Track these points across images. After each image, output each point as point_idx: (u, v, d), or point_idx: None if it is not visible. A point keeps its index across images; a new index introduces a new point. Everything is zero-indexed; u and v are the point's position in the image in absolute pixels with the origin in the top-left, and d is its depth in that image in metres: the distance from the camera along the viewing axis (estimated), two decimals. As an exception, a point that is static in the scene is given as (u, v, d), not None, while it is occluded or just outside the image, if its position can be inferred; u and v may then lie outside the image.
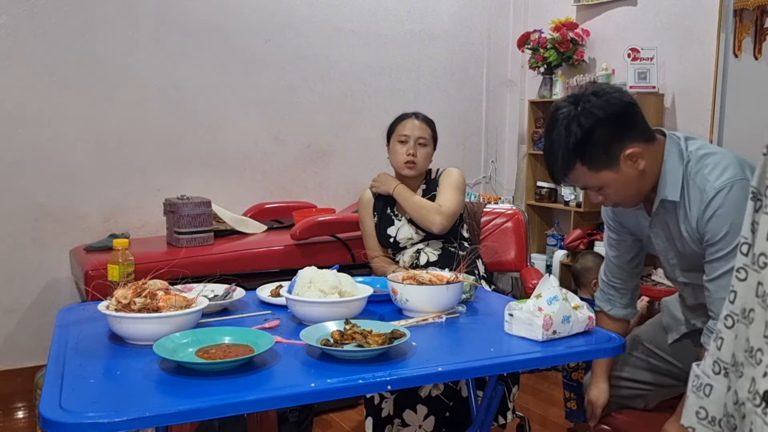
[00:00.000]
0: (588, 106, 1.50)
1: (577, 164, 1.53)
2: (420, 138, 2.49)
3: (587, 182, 1.56)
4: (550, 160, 1.57)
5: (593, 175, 1.54)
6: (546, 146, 1.59)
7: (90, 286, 2.50)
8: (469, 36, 4.28)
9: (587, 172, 1.54)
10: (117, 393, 1.23)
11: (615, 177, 1.54)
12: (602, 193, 1.58)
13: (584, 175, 1.55)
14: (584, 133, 1.50)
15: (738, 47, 3.20)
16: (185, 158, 3.46)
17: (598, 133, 1.50)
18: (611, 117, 1.50)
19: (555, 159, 1.55)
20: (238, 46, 3.56)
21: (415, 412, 2.19)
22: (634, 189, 1.57)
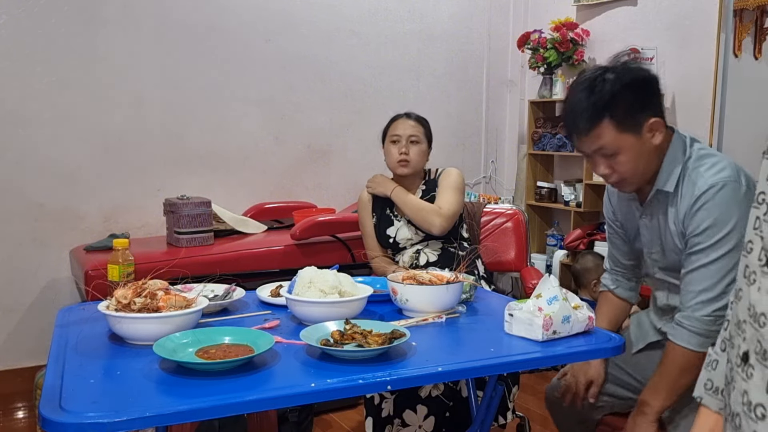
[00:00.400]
0: (619, 69, 1.55)
1: (604, 120, 1.53)
2: (411, 136, 2.49)
3: (606, 143, 1.54)
4: (574, 116, 1.56)
5: (616, 135, 1.53)
6: (570, 103, 1.58)
7: (90, 286, 2.50)
8: (469, 36, 4.28)
9: (612, 131, 1.53)
10: (117, 393, 1.23)
11: (634, 143, 1.55)
12: (614, 161, 1.57)
13: (607, 134, 1.53)
14: (616, 91, 1.52)
15: (738, 47, 3.20)
16: (185, 158, 3.46)
17: (628, 94, 1.53)
18: (641, 83, 1.55)
19: (580, 113, 1.54)
20: (238, 46, 3.56)
21: (415, 412, 2.19)
22: (644, 164, 1.58)
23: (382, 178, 2.57)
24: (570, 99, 1.60)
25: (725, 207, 1.50)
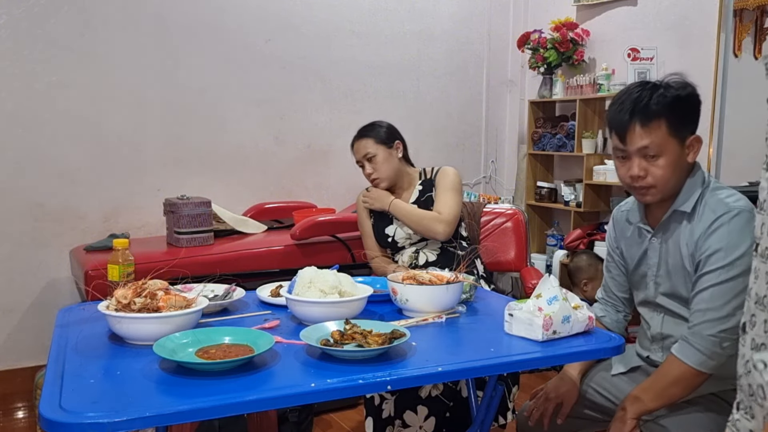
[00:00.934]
0: (678, 83, 1.59)
1: (662, 119, 1.54)
2: (366, 155, 2.49)
3: (653, 143, 1.55)
4: (631, 109, 1.56)
5: (666, 137, 1.55)
6: (626, 98, 1.58)
7: (90, 286, 2.50)
8: (469, 36, 4.28)
9: (664, 132, 1.55)
10: (117, 393, 1.23)
11: (676, 152, 1.57)
12: (652, 164, 1.57)
13: (659, 133, 1.55)
14: (678, 97, 1.56)
15: (738, 47, 3.20)
16: (185, 158, 3.46)
17: (686, 105, 1.57)
18: (694, 100, 1.59)
19: (641, 107, 1.55)
20: (238, 46, 3.56)
21: (415, 413, 2.19)
22: (675, 178, 1.60)
23: (378, 193, 2.54)
24: (627, 94, 1.60)
25: (739, 232, 1.52)
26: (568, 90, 3.95)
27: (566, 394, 1.83)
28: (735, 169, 3.22)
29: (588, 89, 3.80)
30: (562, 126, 3.98)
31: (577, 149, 3.81)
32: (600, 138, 3.81)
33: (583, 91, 3.82)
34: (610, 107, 1.64)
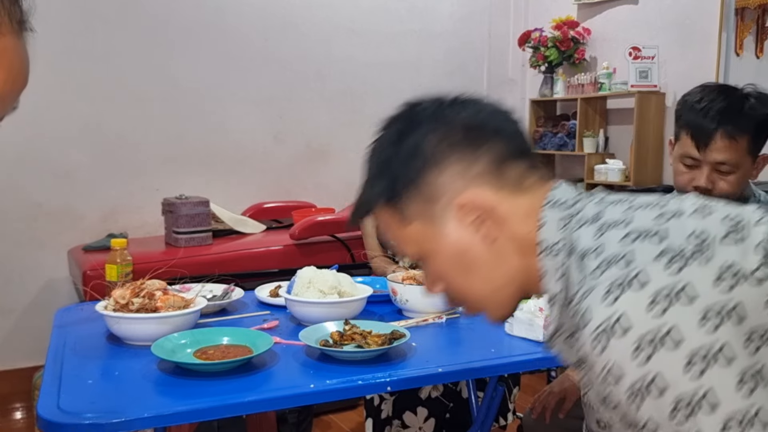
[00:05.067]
0: (758, 96, 1.50)
1: (746, 136, 1.46)
2: None
3: (733, 158, 1.47)
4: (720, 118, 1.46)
5: (744, 154, 1.48)
6: (708, 103, 1.49)
7: (88, 286, 2.48)
8: (470, 34, 4.27)
9: (744, 148, 1.47)
10: (115, 394, 1.22)
11: (748, 170, 1.51)
12: (723, 178, 1.49)
13: (740, 150, 1.47)
14: (764, 115, 1.48)
15: (740, 46, 3.19)
16: (184, 158, 3.45)
17: (763, 126, 1.49)
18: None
19: (734, 119, 1.46)
20: (236, 45, 3.55)
21: (415, 414, 2.18)
22: (736, 195, 1.52)
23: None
24: (710, 101, 1.50)
25: None
26: (569, 89, 3.94)
27: (569, 389, 1.82)
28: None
29: (589, 88, 3.79)
30: (563, 125, 3.97)
31: (578, 148, 3.81)
32: (601, 137, 3.80)
33: (584, 90, 3.81)
34: (687, 108, 1.53)
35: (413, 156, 0.80)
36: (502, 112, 0.85)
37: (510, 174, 0.80)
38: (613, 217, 0.73)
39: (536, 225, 0.78)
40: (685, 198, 0.74)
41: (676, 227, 0.68)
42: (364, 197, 0.86)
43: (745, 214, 0.69)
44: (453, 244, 0.81)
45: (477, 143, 0.80)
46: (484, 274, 0.82)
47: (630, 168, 3.55)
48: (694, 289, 0.61)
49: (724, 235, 0.66)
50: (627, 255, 0.66)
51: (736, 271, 0.62)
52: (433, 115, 0.83)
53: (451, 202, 0.79)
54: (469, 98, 0.86)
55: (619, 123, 3.83)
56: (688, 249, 0.64)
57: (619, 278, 0.64)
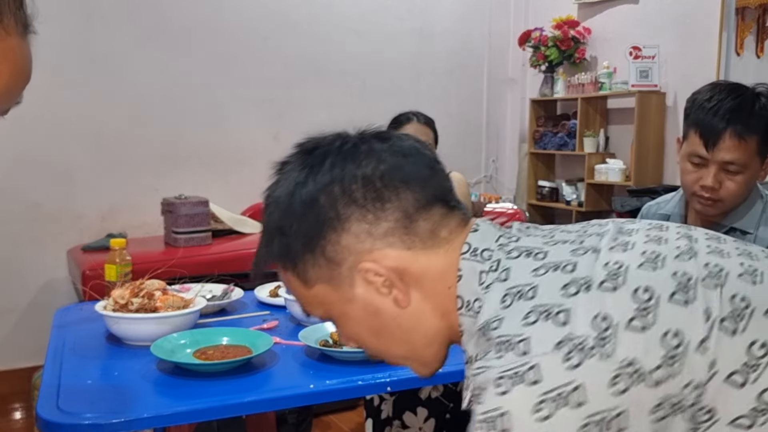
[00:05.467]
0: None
1: (755, 137, 1.43)
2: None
3: (740, 158, 1.44)
4: (730, 117, 1.43)
5: (753, 155, 1.45)
6: (717, 103, 1.46)
7: (87, 286, 2.48)
8: (470, 34, 4.26)
9: (753, 149, 1.44)
10: (115, 394, 1.22)
11: (756, 170, 1.47)
12: (730, 178, 1.46)
13: (748, 150, 1.44)
14: None
15: (740, 45, 3.19)
16: (183, 157, 3.45)
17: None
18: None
19: (744, 118, 1.42)
20: (236, 45, 3.54)
21: (415, 414, 2.18)
22: (744, 196, 1.50)
23: None
24: (720, 100, 1.47)
25: None
26: (570, 88, 3.93)
27: None
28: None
29: (589, 88, 3.78)
30: (564, 125, 3.97)
31: (579, 148, 3.80)
32: (602, 136, 3.80)
33: (585, 90, 3.80)
34: (697, 106, 1.50)
35: (310, 215, 0.72)
36: (412, 154, 0.75)
37: (422, 228, 0.72)
38: (520, 280, 0.66)
39: (453, 282, 0.71)
40: (601, 255, 0.65)
41: (584, 304, 0.60)
42: (260, 256, 0.78)
43: (657, 287, 0.61)
44: (362, 309, 0.74)
45: (381, 199, 0.71)
46: (400, 338, 0.75)
47: (630, 168, 3.55)
48: (584, 393, 0.57)
49: (630, 318, 0.59)
50: (526, 340, 0.60)
51: (634, 371, 0.57)
52: (331, 168, 0.73)
53: (356, 265, 0.71)
54: (375, 140, 0.76)
55: (619, 123, 3.82)
56: (590, 339, 0.58)
57: (514, 368, 0.59)
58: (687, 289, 0.61)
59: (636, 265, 0.63)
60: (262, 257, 0.78)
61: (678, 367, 0.57)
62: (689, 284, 0.61)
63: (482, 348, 0.65)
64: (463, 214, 0.76)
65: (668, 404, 0.57)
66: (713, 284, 0.62)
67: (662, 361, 0.57)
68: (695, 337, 0.58)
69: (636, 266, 0.63)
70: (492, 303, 0.66)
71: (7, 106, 0.72)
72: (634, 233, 0.70)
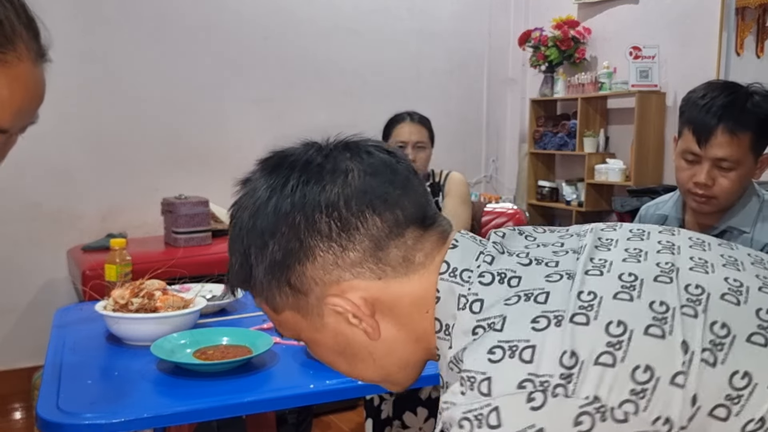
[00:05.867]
0: (764, 93, 1.48)
1: (748, 133, 1.44)
2: (418, 142, 2.42)
3: (733, 155, 1.44)
4: (722, 114, 1.45)
5: (746, 152, 1.45)
6: (710, 100, 1.48)
7: (87, 286, 2.48)
8: (470, 34, 4.26)
9: (746, 146, 1.45)
10: (115, 394, 1.22)
11: (749, 167, 1.48)
12: (723, 175, 1.47)
13: (741, 146, 1.44)
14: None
15: (740, 45, 3.18)
16: (183, 157, 3.45)
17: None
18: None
19: (735, 115, 1.44)
20: (236, 45, 3.54)
21: (415, 414, 2.18)
22: (738, 193, 1.50)
23: None
24: (712, 98, 1.48)
25: None
26: (570, 88, 3.93)
27: None
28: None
29: (589, 88, 3.78)
30: (564, 125, 3.97)
31: (579, 148, 3.80)
32: (602, 136, 3.80)
33: (585, 90, 3.80)
34: (691, 104, 1.52)
35: (272, 244, 0.68)
36: (381, 171, 0.69)
37: (393, 255, 0.68)
38: (492, 310, 0.62)
39: (431, 305, 0.68)
40: (575, 282, 0.62)
41: (552, 340, 0.57)
42: (230, 277, 0.74)
43: (631, 320, 0.57)
44: (332, 338, 0.71)
45: (347, 228, 0.66)
46: (372, 365, 0.72)
47: (630, 168, 3.55)
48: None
49: (599, 354, 0.56)
50: (489, 379, 0.57)
51: (598, 408, 0.54)
52: (292, 193, 0.68)
53: (324, 297, 0.68)
54: (342, 155, 0.71)
55: (619, 123, 3.82)
56: (554, 378, 0.55)
57: (476, 409, 0.56)
58: (664, 320, 0.58)
59: (611, 294, 0.60)
60: (231, 278, 0.74)
61: (645, 401, 0.54)
62: (666, 315, 0.58)
63: (451, 378, 0.63)
64: (441, 230, 0.72)
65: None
66: (693, 312, 0.58)
67: (628, 396, 0.54)
68: (668, 371, 0.55)
69: (611, 296, 0.60)
70: (462, 333, 0.63)
71: (21, 125, 0.78)
72: (612, 246, 0.67)
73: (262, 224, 0.68)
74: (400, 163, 0.72)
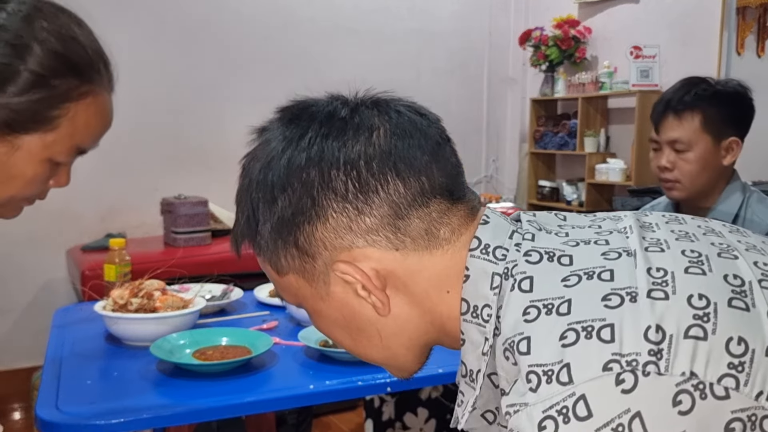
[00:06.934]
0: (730, 84, 1.59)
1: (696, 113, 1.52)
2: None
3: (683, 136, 1.53)
4: (669, 100, 1.55)
5: (699, 133, 1.52)
6: (671, 90, 1.58)
7: (87, 286, 2.47)
8: (470, 33, 4.26)
9: (696, 126, 1.52)
10: (114, 394, 1.22)
11: (708, 149, 1.54)
12: (680, 157, 1.54)
13: (689, 126, 1.52)
14: (718, 94, 1.53)
15: (741, 45, 3.18)
16: (182, 157, 3.44)
17: (727, 104, 1.54)
18: (741, 104, 1.57)
19: (678, 98, 1.53)
20: (235, 44, 3.54)
21: (415, 415, 2.17)
22: (705, 177, 1.56)
23: None
24: (673, 87, 1.60)
25: None
26: (570, 88, 3.93)
27: None
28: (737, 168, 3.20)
29: (590, 87, 3.78)
30: (564, 124, 3.96)
31: (579, 148, 3.80)
32: (602, 136, 3.79)
33: (585, 89, 3.80)
34: (658, 99, 1.63)
35: (282, 199, 0.63)
36: (411, 134, 0.65)
37: (415, 226, 0.62)
38: (549, 291, 0.55)
39: (455, 284, 0.62)
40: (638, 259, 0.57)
41: (631, 316, 0.52)
42: (234, 231, 0.69)
43: (712, 293, 0.53)
44: (338, 309, 0.65)
45: (366, 190, 0.61)
46: (378, 343, 0.66)
47: (631, 167, 3.54)
48: (646, 420, 0.48)
49: (688, 327, 0.51)
50: (568, 365, 0.51)
51: (696, 384, 0.49)
52: (309, 146, 0.63)
53: (332, 263, 0.62)
54: (371, 111, 0.68)
55: (620, 122, 3.82)
56: (642, 356, 0.50)
57: (557, 404, 0.50)
58: (743, 293, 0.54)
59: (682, 269, 0.55)
60: (235, 233, 0.69)
61: (745, 375, 0.50)
62: (744, 288, 0.54)
63: (505, 372, 0.56)
64: (470, 206, 0.66)
65: (743, 419, 0.49)
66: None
67: (727, 370, 0.50)
68: (761, 343, 0.51)
69: (682, 271, 0.55)
70: (512, 315, 0.56)
71: (91, 146, 0.88)
72: (655, 228, 0.62)
73: (273, 177, 0.64)
74: (433, 127, 0.67)
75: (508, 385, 0.55)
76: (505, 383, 0.56)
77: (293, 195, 0.62)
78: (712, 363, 0.50)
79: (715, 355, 0.50)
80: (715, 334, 0.51)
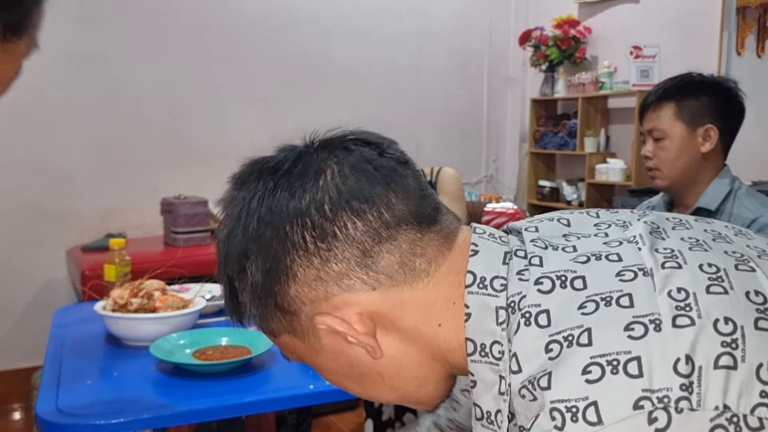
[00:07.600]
0: (711, 77, 1.65)
1: (670, 102, 1.59)
2: None
3: (659, 126, 1.61)
4: (650, 93, 1.65)
5: (672, 121, 1.59)
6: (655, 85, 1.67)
7: (87, 286, 2.47)
8: (470, 33, 4.25)
9: (670, 116, 1.59)
10: (114, 394, 1.21)
11: (683, 137, 1.59)
12: (659, 146, 1.62)
13: (664, 116, 1.60)
14: (692, 84, 1.59)
15: (741, 45, 3.18)
16: (182, 157, 3.44)
17: (703, 94, 1.59)
18: (722, 94, 1.61)
19: (654, 91, 1.62)
20: (235, 44, 3.54)
21: (416, 415, 2.17)
22: (683, 164, 1.61)
23: None
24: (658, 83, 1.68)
25: None
26: (570, 88, 3.93)
27: None
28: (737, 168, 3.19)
29: (590, 87, 3.78)
30: (564, 124, 3.96)
31: (579, 148, 3.80)
32: (602, 136, 3.79)
33: (586, 89, 3.80)
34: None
35: (249, 266, 0.61)
36: (360, 167, 0.61)
37: (387, 262, 0.59)
38: (566, 321, 0.52)
39: (444, 316, 0.59)
40: (656, 280, 0.54)
41: (658, 347, 0.49)
42: (225, 306, 0.68)
43: (737, 315, 0.51)
44: (335, 360, 0.63)
45: (324, 237, 0.58)
46: (384, 385, 0.64)
47: (631, 167, 3.54)
48: None
49: (717, 356, 0.49)
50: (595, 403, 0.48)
51: (730, 417, 0.47)
52: (259, 206, 0.61)
53: (313, 317, 0.60)
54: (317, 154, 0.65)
55: (620, 122, 3.82)
56: (674, 391, 0.47)
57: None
58: (767, 311, 0.51)
59: (703, 289, 0.52)
60: (226, 308, 0.67)
61: None
62: (767, 306, 0.52)
63: (523, 408, 0.53)
64: (445, 232, 0.62)
65: None
66: None
67: (760, 399, 0.48)
68: None
69: (704, 291, 0.52)
70: (533, 353, 0.53)
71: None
72: (665, 235, 0.60)
73: (235, 248, 0.61)
74: (385, 155, 0.63)
75: (528, 420, 0.52)
76: (524, 419, 0.53)
77: (257, 260, 0.60)
78: (744, 393, 0.48)
79: (747, 385, 0.48)
80: (745, 362, 0.48)
